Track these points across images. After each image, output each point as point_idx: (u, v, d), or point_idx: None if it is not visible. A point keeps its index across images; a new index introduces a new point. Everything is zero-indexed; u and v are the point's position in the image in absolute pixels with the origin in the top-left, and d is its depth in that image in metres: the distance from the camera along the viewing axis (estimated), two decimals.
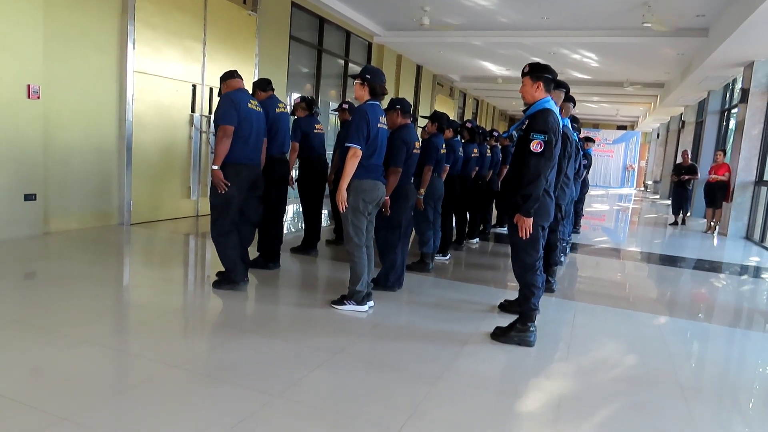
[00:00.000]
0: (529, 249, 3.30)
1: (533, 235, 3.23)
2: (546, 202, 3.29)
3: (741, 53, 8.65)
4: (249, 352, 2.94)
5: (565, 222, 4.93)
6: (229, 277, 4.01)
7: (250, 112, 3.96)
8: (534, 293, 3.33)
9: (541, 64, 3.27)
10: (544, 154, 3.09)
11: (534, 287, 3.33)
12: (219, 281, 4.05)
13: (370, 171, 3.61)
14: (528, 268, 3.33)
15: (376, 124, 3.57)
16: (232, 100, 3.86)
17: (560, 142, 3.28)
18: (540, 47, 11.28)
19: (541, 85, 3.21)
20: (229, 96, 3.89)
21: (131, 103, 6.10)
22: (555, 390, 2.78)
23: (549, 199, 3.32)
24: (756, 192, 9.20)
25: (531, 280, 3.33)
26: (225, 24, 7.30)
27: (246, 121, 3.90)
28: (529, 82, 3.23)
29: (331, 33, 10.45)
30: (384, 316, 3.71)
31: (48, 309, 3.36)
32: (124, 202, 6.19)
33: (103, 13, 5.76)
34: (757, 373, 3.35)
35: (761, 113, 9.15)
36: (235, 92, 3.94)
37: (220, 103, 3.88)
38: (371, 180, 3.61)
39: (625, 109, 22.66)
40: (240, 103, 3.88)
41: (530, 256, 3.31)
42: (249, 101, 3.99)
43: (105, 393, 2.38)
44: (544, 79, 3.21)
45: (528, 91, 3.24)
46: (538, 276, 3.34)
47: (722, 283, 5.95)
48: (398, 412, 2.38)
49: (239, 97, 3.92)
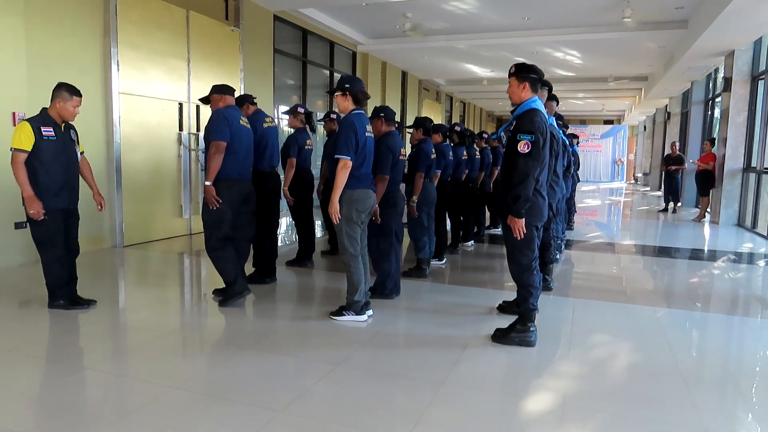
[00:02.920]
0: (524, 249, 3.30)
1: (527, 235, 3.23)
2: (538, 203, 3.28)
3: (721, 43, 8.75)
4: (250, 369, 2.92)
5: (558, 219, 4.95)
6: (232, 290, 3.99)
7: (242, 128, 4.00)
8: (532, 293, 3.33)
9: (527, 65, 3.27)
10: (531, 154, 3.10)
11: (531, 287, 3.33)
12: (224, 299, 4.02)
13: (361, 180, 3.61)
14: (524, 268, 3.33)
15: (363, 133, 3.58)
16: (224, 116, 3.88)
17: (549, 142, 3.29)
18: (523, 47, 11.37)
19: (527, 85, 3.22)
20: (221, 112, 3.91)
21: (118, 125, 6.08)
22: (559, 389, 2.78)
23: (541, 199, 3.31)
24: (744, 179, 9.29)
25: (528, 281, 3.33)
26: (208, 41, 7.31)
27: (237, 138, 3.92)
28: (515, 83, 3.25)
29: (315, 44, 10.49)
30: (383, 324, 3.70)
31: (44, 337, 3.33)
32: (116, 224, 6.15)
33: (85, 36, 5.74)
34: (757, 359, 3.37)
35: (745, 101, 9.25)
36: (226, 109, 3.97)
37: (212, 119, 3.90)
38: (362, 189, 3.62)
39: (611, 104, 22.85)
40: (232, 120, 3.90)
41: (526, 257, 3.31)
42: (240, 118, 4.02)
43: (107, 419, 2.35)
44: (530, 80, 3.23)
45: (515, 92, 3.26)
46: (534, 276, 3.35)
47: (717, 271, 5.98)
48: (404, 420, 2.37)
49: (231, 113, 3.94)
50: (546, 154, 3.23)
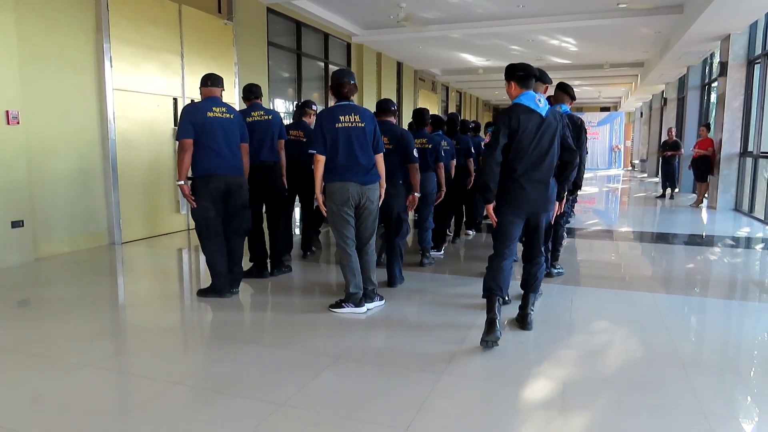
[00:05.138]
0: (497, 236, 3.32)
1: (500, 222, 3.29)
2: (513, 191, 3.25)
3: (717, 27, 8.72)
4: (251, 363, 2.93)
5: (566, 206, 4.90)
6: (212, 286, 4.04)
7: (213, 121, 3.86)
8: (487, 275, 3.30)
9: (512, 65, 3.35)
10: (490, 144, 3.23)
11: (489, 279, 3.28)
12: (205, 290, 4.09)
13: (335, 173, 3.63)
14: (490, 258, 3.34)
15: (332, 126, 3.60)
16: (186, 111, 3.87)
17: (530, 131, 3.21)
18: (518, 35, 11.31)
19: (513, 83, 3.31)
20: (185, 108, 3.94)
21: (113, 122, 6.05)
22: (559, 376, 2.79)
23: (519, 188, 3.24)
24: (741, 163, 9.29)
25: (489, 265, 3.33)
26: (201, 35, 7.26)
27: (208, 132, 3.83)
28: (506, 84, 3.37)
29: (309, 36, 10.42)
30: (383, 315, 3.70)
31: (44, 336, 3.33)
32: (114, 221, 6.14)
33: (78, 33, 5.70)
34: (756, 343, 3.38)
35: (741, 85, 9.23)
36: (196, 103, 3.95)
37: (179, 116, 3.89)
38: (337, 182, 3.62)
39: (607, 91, 22.79)
40: (196, 113, 3.82)
41: (498, 243, 3.32)
42: (212, 109, 3.88)
43: (108, 416, 2.36)
44: (515, 77, 3.30)
45: (508, 92, 3.37)
46: (497, 263, 3.29)
47: (715, 256, 6.00)
48: (405, 410, 2.38)
49: (200, 106, 3.88)
50: (525, 144, 3.20)
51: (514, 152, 3.22)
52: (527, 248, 3.51)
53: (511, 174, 3.24)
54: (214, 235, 3.94)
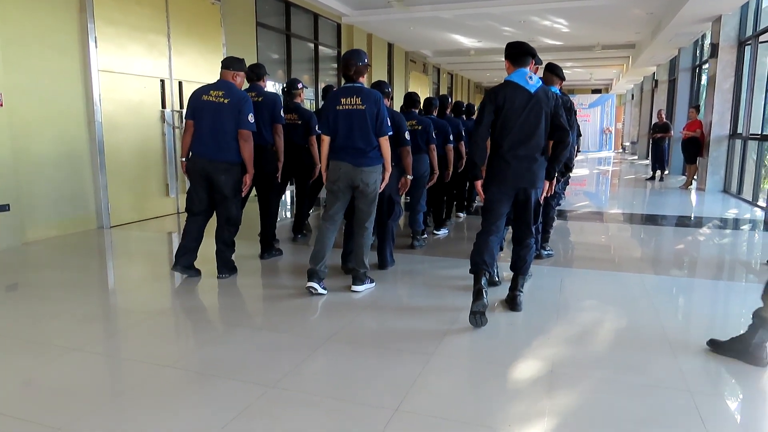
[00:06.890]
0: (485, 213, 3.40)
1: (488, 202, 3.35)
2: (499, 166, 3.30)
3: (708, 8, 8.69)
4: (241, 346, 2.93)
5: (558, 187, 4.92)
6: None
7: (204, 104, 3.96)
8: (474, 250, 3.35)
9: (507, 43, 3.39)
10: (477, 120, 3.33)
11: (474, 246, 3.36)
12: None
13: (332, 152, 3.78)
14: (481, 231, 3.40)
15: (334, 107, 3.70)
16: (191, 94, 4.06)
17: (517, 108, 3.25)
18: (509, 16, 11.22)
19: (507, 62, 3.37)
20: (193, 91, 4.08)
21: (99, 104, 5.95)
22: (547, 356, 2.81)
23: (505, 164, 3.28)
24: (731, 145, 9.34)
25: (476, 241, 3.39)
26: (188, 15, 7.12)
27: (198, 114, 3.97)
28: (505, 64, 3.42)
29: (299, 16, 10.27)
30: (373, 298, 3.71)
31: (33, 320, 3.31)
32: (102, 205, 6.08)
33: (61, 12, 5.57)
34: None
35: (731, 67, 9.24)
36: (206, 85, 4.07)
37: None
38: (333, 161, 3.77)
39: (599, 73, 22.73)
40: (196, 96, 4.01)
41: (485, 219, 3.40)
42: (209, 92, 3.98)
43: (98, 399, 2.35)
44: (509, 56, 3.34)
45: (507, 72, 3.39)
46: (484, 239, 3.35)
47: (703, 237, 6.06)
48: (395, 391, 2.40)
49: (202, 89, 4.04)
50: (512, 120, 3.23)
51: (500, 128, 3.26)
52: (516, 227, 3.52)
53: (497, 150, 3.29)
54: (189, 213, 4.09)
